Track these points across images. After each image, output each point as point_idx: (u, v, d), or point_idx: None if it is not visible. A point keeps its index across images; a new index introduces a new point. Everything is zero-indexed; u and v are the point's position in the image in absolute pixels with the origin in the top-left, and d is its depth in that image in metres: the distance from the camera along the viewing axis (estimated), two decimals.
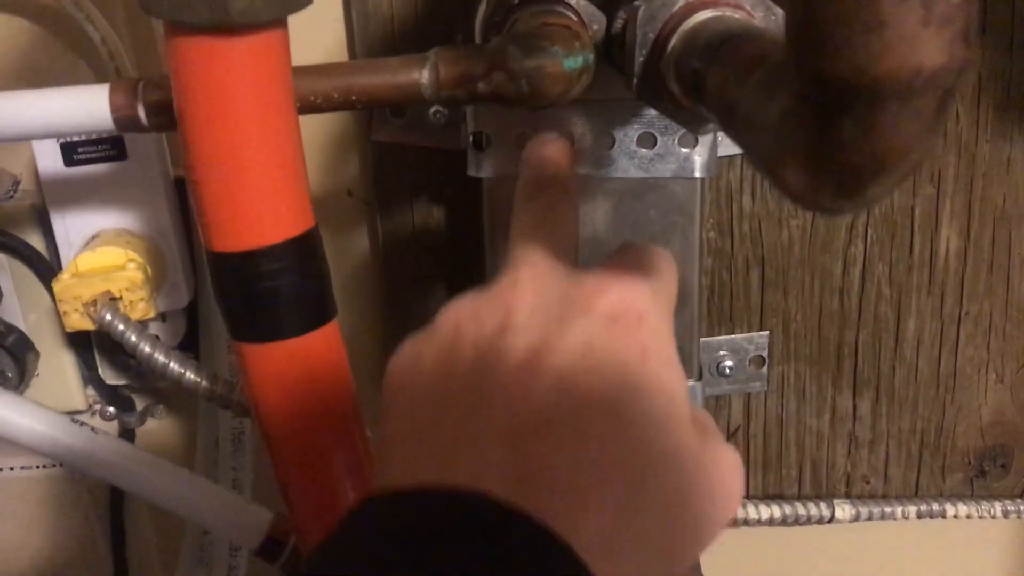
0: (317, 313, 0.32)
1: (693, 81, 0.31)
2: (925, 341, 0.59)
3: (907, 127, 0.18)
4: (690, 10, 0.34)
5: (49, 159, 0.47)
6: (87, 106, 0.34)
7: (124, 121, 0.34)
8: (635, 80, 0.35)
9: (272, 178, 0.30)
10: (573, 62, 0.34)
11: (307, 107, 0.34)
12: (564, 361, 0.25)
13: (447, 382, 0.26)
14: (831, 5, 0.17)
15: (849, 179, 0.19)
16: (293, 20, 0.48)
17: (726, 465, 0.26)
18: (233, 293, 0.31)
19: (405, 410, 0.26)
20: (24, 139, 0.36)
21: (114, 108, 0.34)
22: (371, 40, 0.52)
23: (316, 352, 0.32)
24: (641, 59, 0.35)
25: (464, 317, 0.27)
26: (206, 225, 0.30)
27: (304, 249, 0.31)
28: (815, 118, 0.19)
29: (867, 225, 0.57)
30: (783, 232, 0.56)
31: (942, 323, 0.59)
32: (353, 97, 0.34)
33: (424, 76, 0.34)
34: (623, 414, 0.24)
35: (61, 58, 0.52)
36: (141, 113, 0.34)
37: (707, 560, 0.54)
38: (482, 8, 0.44)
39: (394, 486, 0.23)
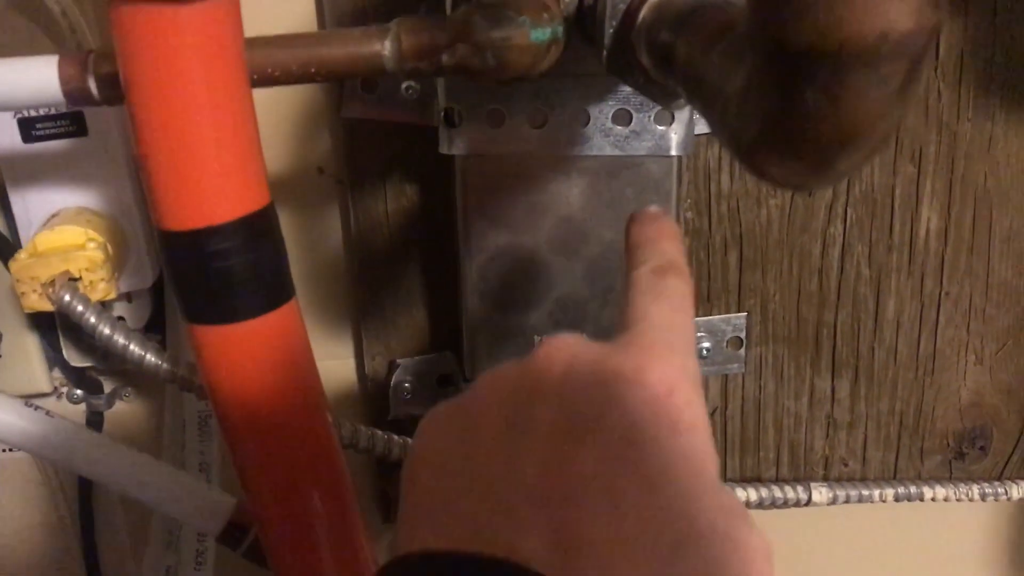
0: (273, 294, 0.31)
1: (663, 53, 0.30)
2: (904, 322, 0.59)
3: (874, 95, 0.17)
4: None
5: (7, 135, 0.46)
6: (36, 78, 0.33)
7: (74, 94, 0.33)
8: (605, 53, 0.34)
9: (223, 153, 0.28)
10: (541, 34, 0.33)
11: (265, 79, 0.33)
12: (598, 433, 0.25)
13: (477, 449, 0.26)
14: None
15: (815, 152, 0.18)
16: None
17: (756, 548, 0.25)
18: (185, 273, 0.30)
19: (433, 477, 0.26)
20: None
21: (64, 80, 0.33)
22: (340, 9, 0.51)
23: (272, 334, 0.31)
24: (611, 31, 0.34)
25: (497, 382, 0.27)
26: (155, 202, 0.29)
27: (258, 227, 0.30)
28: (779, 87, 0.18)
29: (846, 205, 0.56)
30: (761, 212, 0.56)
31: (922, 304, 0.58)
32: (313, 69, 0.33)
33: (386, 47, 0.33)
34: (657, 488, 0.24)
35: (20, 31, 0.51)
36: (92, 86, 0.33)
37: None
38: None
39: (426, 549, 0.23)
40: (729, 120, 0.20)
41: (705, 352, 0.58)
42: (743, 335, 0.58)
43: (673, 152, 0.48)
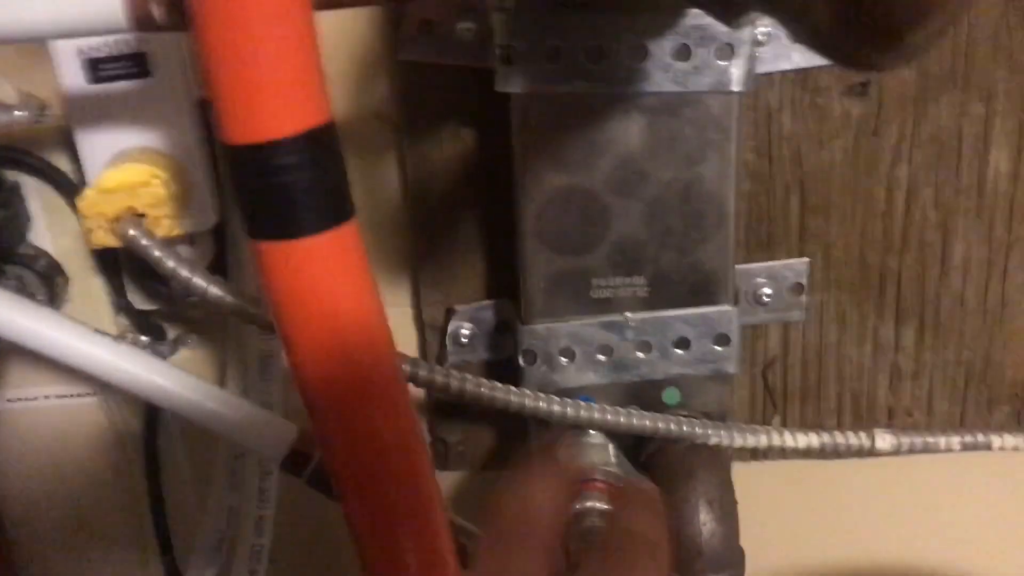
0: (334, 212, 0.31)
1: None
2: (972, 268, 0.57)
3: None
4: None
5: (73, 76, 0.47)
6: (100, 3, 0.33)
7: (139, 20, 0.33)
8: None
9: (285, 68, 0.29)
10: None
11: (330, 3, 0.33)
12: None
13: None
14: None
15: (885, 22, 0.17)
16: None
17: None
18: (249, 187, 0.30)
19: None
20: (34, 39, 0.35)
21: (128, 5, 0.33)
22: None
23: (333, 251, 0.31)
24: None
25: None
26: (221, 116, 0.29)
27: (321, 143, 0.30)
28: None
29: (912, 146, 0.55)
30: (824, 154, 0.55)
31: (990, 249, 0.57)
32: None
33: None
34: None
35: None
36: (155, 10, 0.33)
37: (744, 492, 0.53)
38: None
39: None
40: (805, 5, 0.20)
41: (766, 298, 0.57)
42: (804, 281, 0.57)
43: (734, 88, 0.48)
